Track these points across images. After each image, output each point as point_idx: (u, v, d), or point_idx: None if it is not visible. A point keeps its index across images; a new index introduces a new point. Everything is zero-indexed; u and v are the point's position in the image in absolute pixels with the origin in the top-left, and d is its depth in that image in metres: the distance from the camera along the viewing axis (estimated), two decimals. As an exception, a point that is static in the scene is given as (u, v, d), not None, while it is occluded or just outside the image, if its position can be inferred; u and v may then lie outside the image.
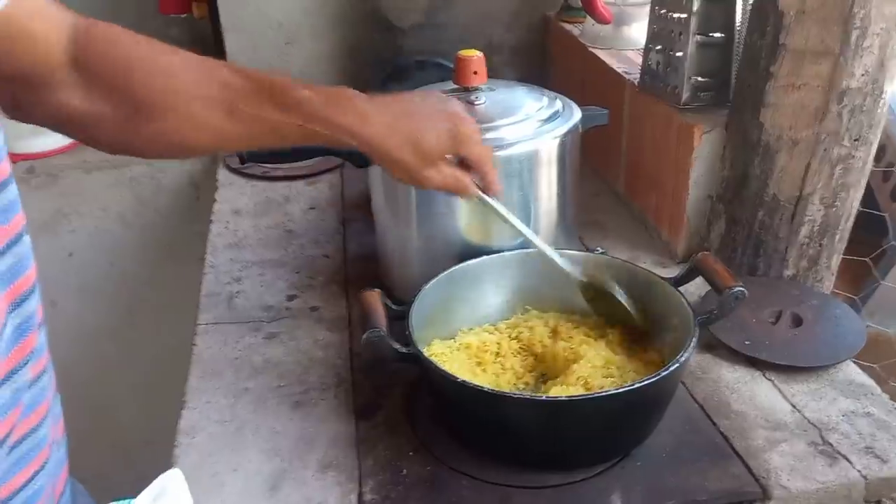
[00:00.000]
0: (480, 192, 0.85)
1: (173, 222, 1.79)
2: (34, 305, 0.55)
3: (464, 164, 0.83)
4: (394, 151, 0.78)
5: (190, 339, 1.05)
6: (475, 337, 0.93)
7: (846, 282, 1.51)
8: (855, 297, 1.27)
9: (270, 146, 0.85)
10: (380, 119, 0.77)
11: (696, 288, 1.04)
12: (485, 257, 0.96)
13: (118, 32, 0.72)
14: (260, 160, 1.01)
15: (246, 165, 1.56)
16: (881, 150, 1.61)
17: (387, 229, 1.09)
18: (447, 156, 0.81)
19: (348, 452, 0.85)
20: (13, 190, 0.52)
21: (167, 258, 1.82)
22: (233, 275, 1.20)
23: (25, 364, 0.53)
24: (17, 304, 0.52)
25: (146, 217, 1.79)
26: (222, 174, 1.56)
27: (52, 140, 1.69)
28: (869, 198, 1.51)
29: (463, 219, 1.00)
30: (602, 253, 0.99)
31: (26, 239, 0.54)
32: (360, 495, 0.79)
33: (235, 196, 1.47)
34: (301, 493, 0.79)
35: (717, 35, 1.12)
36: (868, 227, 1.46)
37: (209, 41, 1.79)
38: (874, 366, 1.16)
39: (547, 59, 1.73)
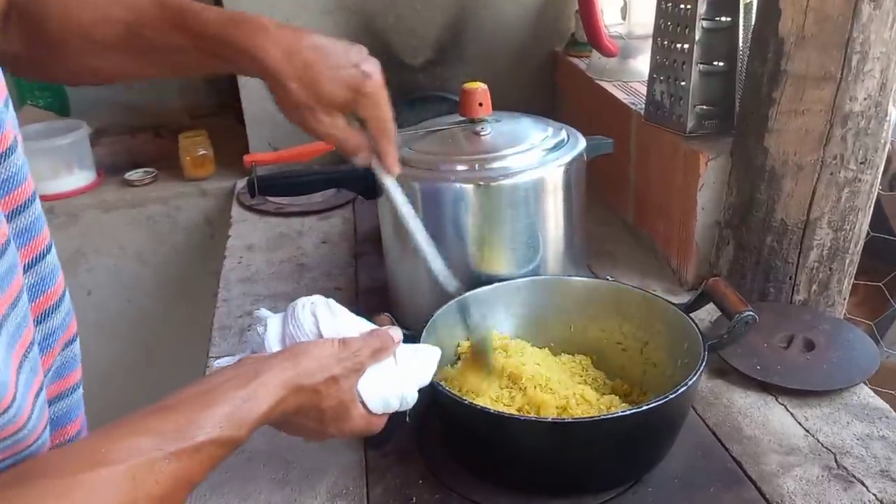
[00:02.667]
0: (376, 168, 0.81)
1: (189, 260, 1.82)
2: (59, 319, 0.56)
3: (367, 126, 0.79)
4: (288, 83, 0.72)
5: (204, 374, 1.06)
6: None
7: (863, 308, 1.50)
8: (871, 323, 1.26)
9: (172, 75, 0.83)
10: (283, 45, 0.72)
11: (708, 314, 1.04)
12: (495, 285, 0.97)
13: None
14: (272, 194, 1.03)
15: (259, 202, 1.59)
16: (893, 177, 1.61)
17: (396, 260, 1.10)
18: (346, 112, 0.76)
19: (358, 482, 0.84)
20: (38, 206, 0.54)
21: (183, 296, 1.84)
22: (245, 308, 1.21)
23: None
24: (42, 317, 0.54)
25: (162, 255, 1.82)
26: (236, 211, 1.59)
27: (72, 180, 1.73)
28: (882, 223, 1.50)
29: (472, 247, 1.01)
30: (614, 281, 0.99)
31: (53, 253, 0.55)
32: (368, 524, 0.79)
33: (249, 232, 1.49)
34: (310, 521, 0.79)
35: (720, 63, 1.14)
36: (882, 254, 1.45)
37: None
38: (893, 392, 1.14)
39: (555, 94, 1.75)
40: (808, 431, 0.87)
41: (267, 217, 1.54)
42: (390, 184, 0.83)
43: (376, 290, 1.23)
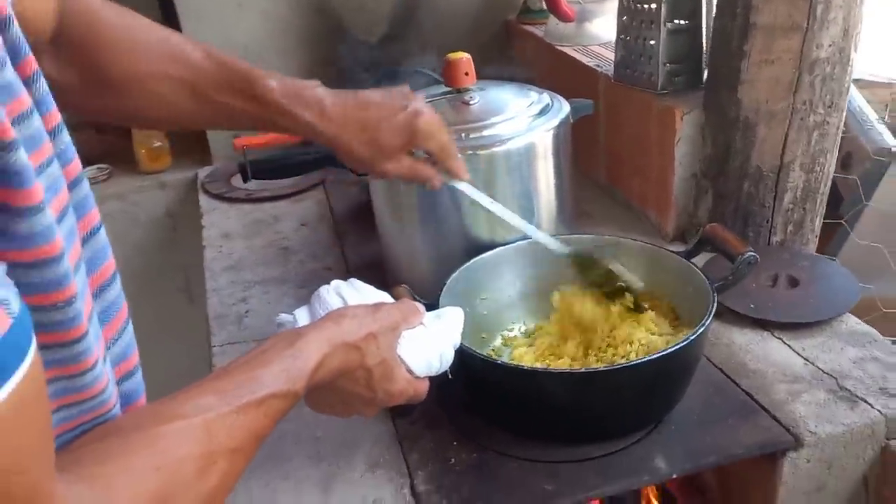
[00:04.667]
0: (447, 181, 0.88)
1: (151, 255, 1.78)
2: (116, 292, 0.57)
3: (431, 156, 0.87)
4: (350, 145, 0.81)
5: (185, 366, 1.05)
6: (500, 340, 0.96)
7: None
8: (835, 258, 1.34)
9: (237, 129, 0.88)
10: (337, 112, 0.80)
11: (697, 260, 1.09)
12: (499, 248, 0.99)
13: (98, 8, 0.74)
14: (265, 177, 1.02)
15: (226, 189, 1.57)
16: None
17: (391, 234, 1.11)
18: (411, 149, 0.85)
19: (392, 450, 0.86)
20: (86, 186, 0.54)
21: (146, 292, 1.79)
22: (237, 296, 1.20)
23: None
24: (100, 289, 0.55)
25: (123, 253, 1.77)
26: (204, 200, 1.56)
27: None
28: (836, 204, 1.59)
29: (468, 216, 1.03)
30: (612, 236, 1.03)
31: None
32: (412, 487, 0.81)
33: (222, 220, 1.47)
34: (355, 491, 0.81)
35: (685, 21, 1.18)
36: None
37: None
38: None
39: (511, 62, 1.77)
40: (807, 360, 0.93)
41: (238, 204, 1.52)
42: (468, 188, 0.90)
43: (367, 266, 1.24)
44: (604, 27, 1.50)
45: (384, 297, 0.78)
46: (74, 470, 0.45)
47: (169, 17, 1.63)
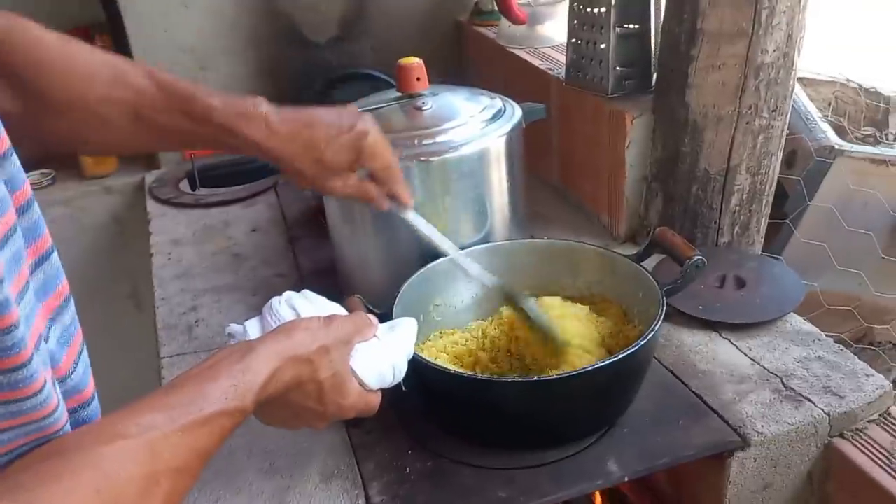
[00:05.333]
0: (390, 204, 0.88)
1: (97, 261, 1.73)
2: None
3: (375, 177, 0.87)
4: (295, 162, 0.82)
5: (132, 375, 1.03)
6: (448, 339, 0.96)
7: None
8: (780, 257, 1.37)
9: (183, 150, 0.89)
10: (283, 130, 0.80)
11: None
12: (450, 255, 0.98)
13: (40, 35, 0.72)
14: (214, 185, 1.00)
15: (175, 195, 1.54)
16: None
17: (344, 240, 1.10)
18: (357, 168, 0.85)
19: (347, 460, 0.86)
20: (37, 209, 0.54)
21: (93, 298, 1.74)
22: (187, 304, 1.18)
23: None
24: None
25: (69, 259, 1.70)
26: (152, 206, 1.52)
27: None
28: (781, 203, 1.63)
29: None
30: (565, 240, 1.04)
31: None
32: (367, 499, 0.80)
33: (171, 226, 1.44)
34: (309, 504, 0.80)
35: (635, 25, 1.19)
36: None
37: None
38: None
39: (463, 64, 1.77)
40: (753, 360, 0.95)
41: (187, 209, 1.49)
42: (412, 216, 0.90)
43: (320, 272, 1.22)
44: (555, 30, 1.51)
45: (337, 308, 0.78)
46: (15, 494, 0.45)
47: (112, 18, 1.59)
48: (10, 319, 0.45)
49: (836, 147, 1.71)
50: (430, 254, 1.00)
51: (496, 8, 1.54)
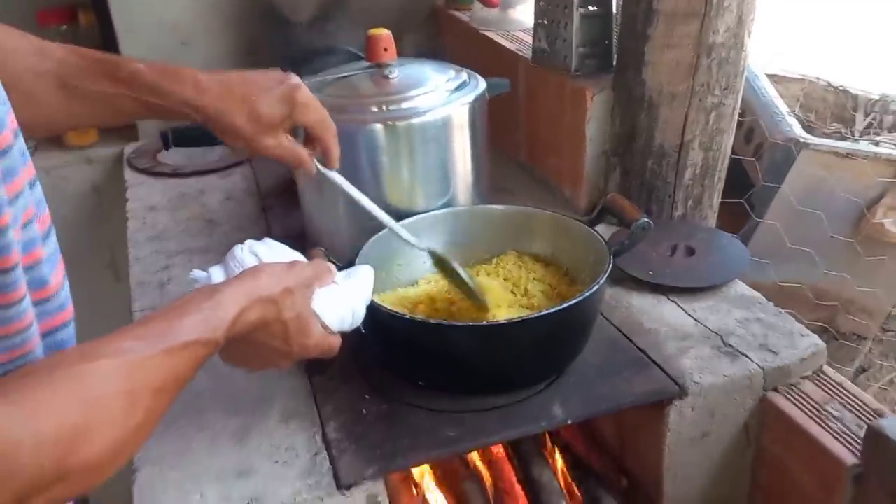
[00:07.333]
0: (320, 167, 0.89)
1: (78, 230, 1.76)
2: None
3: (309, 140, 0.88)
4: (229, 117, 0.80)
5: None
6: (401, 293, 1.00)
7: (725, 223, 1.68)
8: (736, 235, 1.43)
9: (115, 122, 0.89)
10: (215, 87, 0.80)
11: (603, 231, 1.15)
12: (416, 216, 1.03)
13: None
14: (186, 144, 1.03)
15: (152, 164, 1.57)
16: (749, 130, 1.81)
17: (313, 207, 1.15)
18: (288, 127, 0.85)
19: (307, 403, 0.90)
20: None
21: (73, 267, 1.78)
22: (160, 264, 1.22)
23: None
24: None
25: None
26: (129, 175, 1.56)
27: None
28: (746, 188, 1.69)
29: (387, 185, 1.07)
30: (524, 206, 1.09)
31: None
32: (324, 436, 0.85)
33: (148, 194, 1.47)
34: (269, 440, 0.84)
35: (597, 7, 1.25)
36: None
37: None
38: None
39: (438, 46, 1.82)
40: (697, 321, 1.01)
41: (164, 178, 1.53)
42: (337, 177, 0.91)
43: (291, 237, 1.23)
44: (526, 13, 1.56)
45: (297, 256, 0.82)
46: (1, 398, 0.47)
47: (95, -8, 1.63)
48: (3, 221, 0.48)
49: (801, 140, 1.77)
50: (397, 217, 1.04)
51: (470, -8, 1.60)
